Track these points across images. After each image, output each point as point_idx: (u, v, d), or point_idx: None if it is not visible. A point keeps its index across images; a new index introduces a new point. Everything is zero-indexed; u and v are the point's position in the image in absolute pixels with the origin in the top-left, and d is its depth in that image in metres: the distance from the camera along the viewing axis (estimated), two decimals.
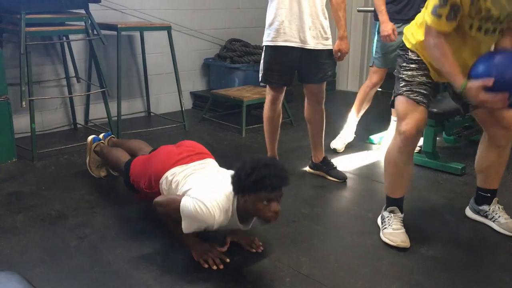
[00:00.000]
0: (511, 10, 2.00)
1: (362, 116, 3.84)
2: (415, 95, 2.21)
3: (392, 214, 2.37)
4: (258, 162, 2.02)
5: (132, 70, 4.57)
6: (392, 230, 2.32)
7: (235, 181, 2.04)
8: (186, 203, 2.05)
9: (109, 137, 3.11)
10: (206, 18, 4.94)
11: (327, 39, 2.90)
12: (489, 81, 1.87)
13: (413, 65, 2.26)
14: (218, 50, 5.06)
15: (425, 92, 2.22)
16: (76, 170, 3.21)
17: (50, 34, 3.67)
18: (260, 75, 2.99)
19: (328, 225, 2.58)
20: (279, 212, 2.02)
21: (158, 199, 2.23)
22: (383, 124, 4.04)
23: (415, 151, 2.53)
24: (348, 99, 5.77)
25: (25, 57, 3.30)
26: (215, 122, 4.44)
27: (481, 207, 2.53)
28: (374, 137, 3.93)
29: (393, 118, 3.67)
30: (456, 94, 2.29)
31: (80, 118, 4.25)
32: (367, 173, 3.36)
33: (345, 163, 3.46)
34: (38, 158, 3.39)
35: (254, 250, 2.26)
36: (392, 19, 3.35)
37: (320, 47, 2.87)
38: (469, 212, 2.62)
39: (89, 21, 3.55)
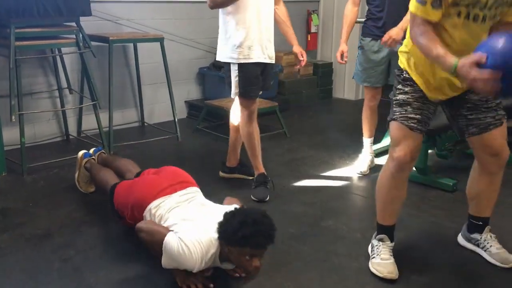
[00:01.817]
0: None
1: None
2: (409, 121, 2.15)
3: (381, 243, 2.32)
4: (247, 217, 2.00)
5: (126, 80, 4.56)
6: (380, 260, 2.27)
7: (222, 230, 2.03)
8: (171, 242, 2.04)
9: (99, 152, 3.10)
10: (201, 27, 4.92)
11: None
12: (482, 57, 1.74)
13: (407, 88, 2.19)
14: (213, 59, 5.04)
15: (420, 117, 2.15)
16: (65, 185, 3.20)
17: (40, 48, 3.65)
18: (237, 91, 3.00)
19: (314, 245, 2.55)
20: (260, 267, 2.05)
21: (142, 225, 2.22)
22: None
23: None
24: (344, 107, 5.78)
25: (15, 71, 3.29)
26: (209, 133, 4.43)
27: (472, 235, 2.46)
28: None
29: None
30: (452, 116, 2.26)
31: (72, 129, 4.25)
32: (359, 189, 3.34)
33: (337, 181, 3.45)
34: (27, 172, 3.38)
35: (237, 275, 2.23)
36: (374, 35, 3.34)
37: (273, 61, 3.10)
38: (461, 240, 2.55)
39: (80, 34, 3.54)
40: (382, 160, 3.41)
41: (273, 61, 3.08)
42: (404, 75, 2.22)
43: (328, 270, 2.33)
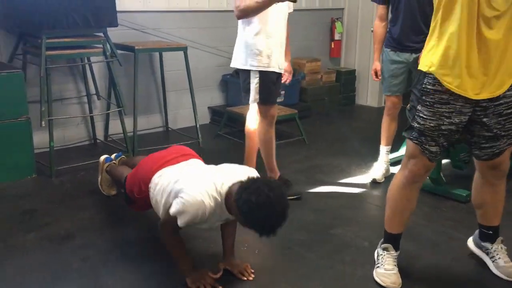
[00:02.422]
0: None
1: None
2: (424, 151, 2.14)
3: (385, 252, 2.37)
4: (266, 198, 1.98)
5: (152, 86, 4.74)
6: (384, 271, 2.33)
7: (239, 195, 2.04)
8: (176, 205, 2.13)
9: (120, 158, 3.25)
10: (224, 35, 5.04)
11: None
12: None
13: (427, 107, 2.09)
14: None
15: (435, 149, 2.13)
16: (90, 188, 3.36)
17: (69, 57, 3.86)
18: (257, 98, 3.10)
19: (321, 253, 2.63)
20: None
21: (160, 222, 2.33)
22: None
23: None
24: (366, 114, 5.81)
25: (45, 79, 3.49)
26: (230, 140, 4.55)
27: (483, 244, 2.49)
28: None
29: None
30: (469, 142, 2.24)
31: (100, 133, 4.44)
32: (372, 198, 3.39)
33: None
34: (55, 175, 3.57)
35: (245, 278, 2.34)
36: (392, 46, 3.43)
37: (282, 70, 3.26)
38: (471, 243, 2.58)
39: (107, 44, 3.72)
40: (397, 170, 3.47)
41: (282, 71, 3.24)
42: (426, 85, 2.09)
43: (332, 277, 2.41)
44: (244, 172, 2.23)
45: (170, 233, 2.27)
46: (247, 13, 2.96)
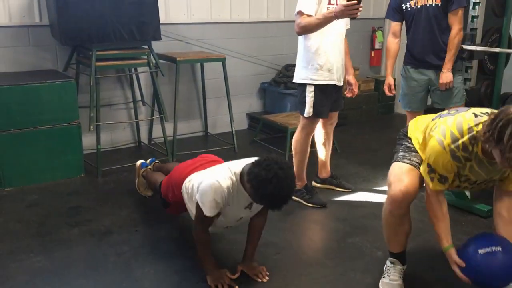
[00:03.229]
0: (489, 177, 2.20)
1: None
2: (408, 160, 2.33)
3: (392, 265, 2.51)
4: (275, 173, 2.15)
5: (193, 93, 5.03)
6: (389, 281, 2.47)
7: (250, 170, 2.25)
8: (199, 197, 2.38)
9: (154, 163, 3.55)
10: (265, 44, 5.29)
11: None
12: (462, 263, 2.16)
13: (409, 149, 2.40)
14: (274, 75, 5.38)
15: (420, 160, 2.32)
16: (131, 188, 3.67)
17: (116, 67, 4.20)
18: (310, 110, 3.31)
19: (336, 260, 2.80)
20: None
21: (193, 222, 2.57)
22: None
23: None
24: (404, 123, 5.82)
25: (94, 87, 3.84)
26: (264, 146, 4.77)
27: None
28: None
29: None
30: None
31: (144, 137, 4.78)
32: None
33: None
34: (101, 175, 3.92)
35: (260, 280, 2.56)
36: (410, 63, 3.57)
37: (342, 83, 3.47)
38: None
39: (151, 56, 4.03)
40: None
41: (342, 84, 3.43)
42: (408, 144, 2.43)
43: (341, 283, 2.58)
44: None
45: (201, 232, 2.49)
46: (307, 30, 3.15)
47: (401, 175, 2.30)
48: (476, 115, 2.11)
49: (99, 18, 3.69)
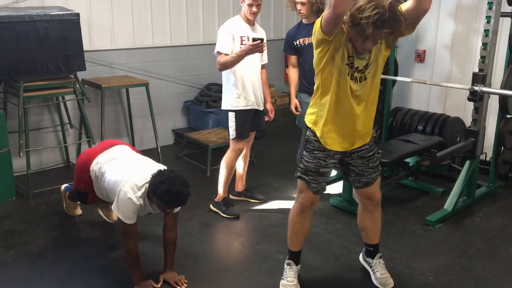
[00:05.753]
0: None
1: None
2: (310, 186, 2.81)
3: (288, 267, 3.02)
4: (170, 184, 2.68)
5: (119, 113, 5.37)
6: (287, 282, 2.98)
7: (150, 187, 2.78)
8: (117, 211, 2.89)
9: None
10: (186, 66, 5.71)
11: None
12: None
13: (308, 152, 2.78)
14: (196, 93, 5.82)
15: (318, 179, 2.80)
16: (61, 209, 3.97)
17: (44, 97, 4.49)
18: (234, 133, 3.86)
19: (243, 265, 3.30)
20: (175, 214, 2.98)
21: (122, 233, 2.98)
22: None
23: None
24: None
25: (23, 117, 4.11)
26: (187, 162, 5.20)
27: (367, 258, 3.17)
28: None
29: None
30: (344, 172, 2.95)
31: (72, 157, 5.06)
32: None
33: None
34: (32, 197, 4.20)
35: (178, 287, 3.01)
36: (302, 90, 4.24)
37: (262, 107, 4.02)
38: (361, 258, 3.26)
39: (77, 85, 4.35)
40: (331, 188, 4.26)
41: (262, 108, 3.97)
42: (310, 137, 2.82)
43: (248, 286, 3.08)
44: (154, 166, 3.00)
45: (133, 247, 2.91)
46: (226, 66, 3.69)
47: (306, 189, 2.81)
48: None
49: (26, 55, 3.97)
